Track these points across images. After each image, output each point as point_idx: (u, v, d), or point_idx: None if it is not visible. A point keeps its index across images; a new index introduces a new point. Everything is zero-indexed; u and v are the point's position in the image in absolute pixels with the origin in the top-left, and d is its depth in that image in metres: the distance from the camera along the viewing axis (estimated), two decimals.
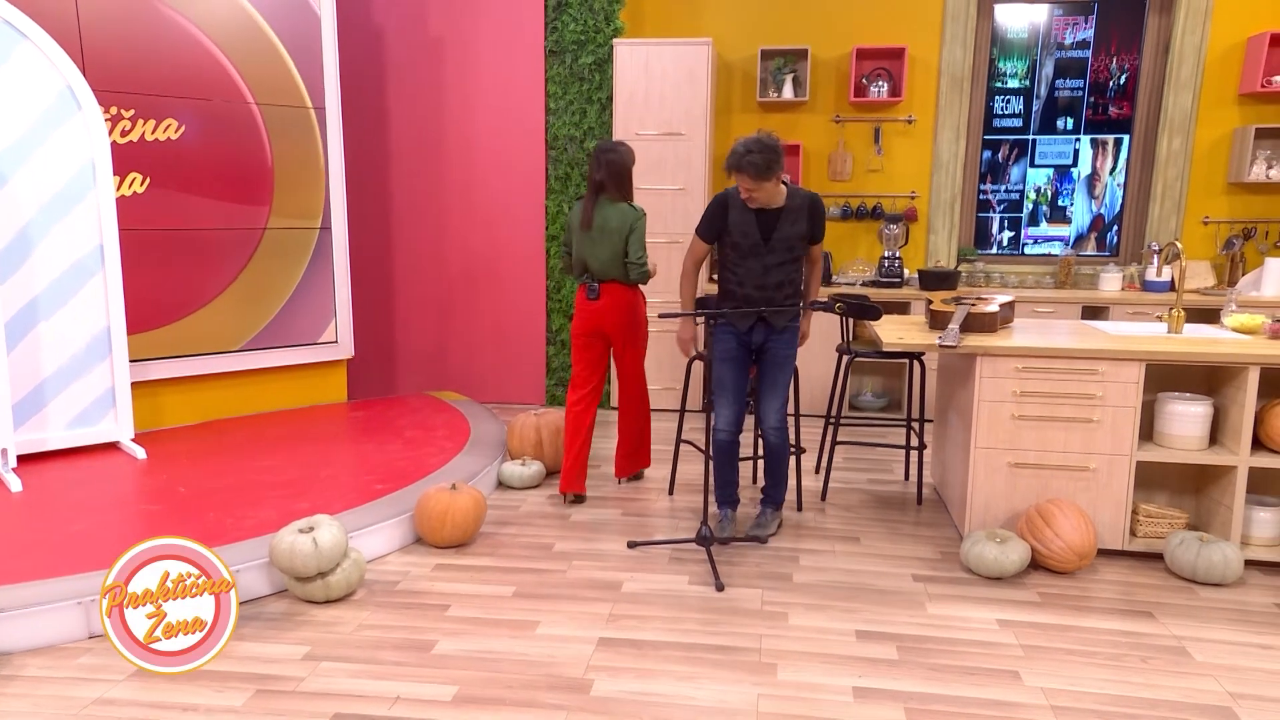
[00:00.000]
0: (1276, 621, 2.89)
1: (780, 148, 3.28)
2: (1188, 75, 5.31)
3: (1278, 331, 3.51)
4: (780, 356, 3.57)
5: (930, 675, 2.55)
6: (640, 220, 3.87)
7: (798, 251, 3.48)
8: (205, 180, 4.71)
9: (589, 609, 2.95)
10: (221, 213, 4.79)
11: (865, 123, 5.71)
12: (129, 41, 4.38)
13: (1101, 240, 5.77)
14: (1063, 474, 3.38)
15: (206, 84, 4.65)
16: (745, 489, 4.22)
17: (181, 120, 4.59)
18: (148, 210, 4.54)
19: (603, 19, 5.39)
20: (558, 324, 5.78)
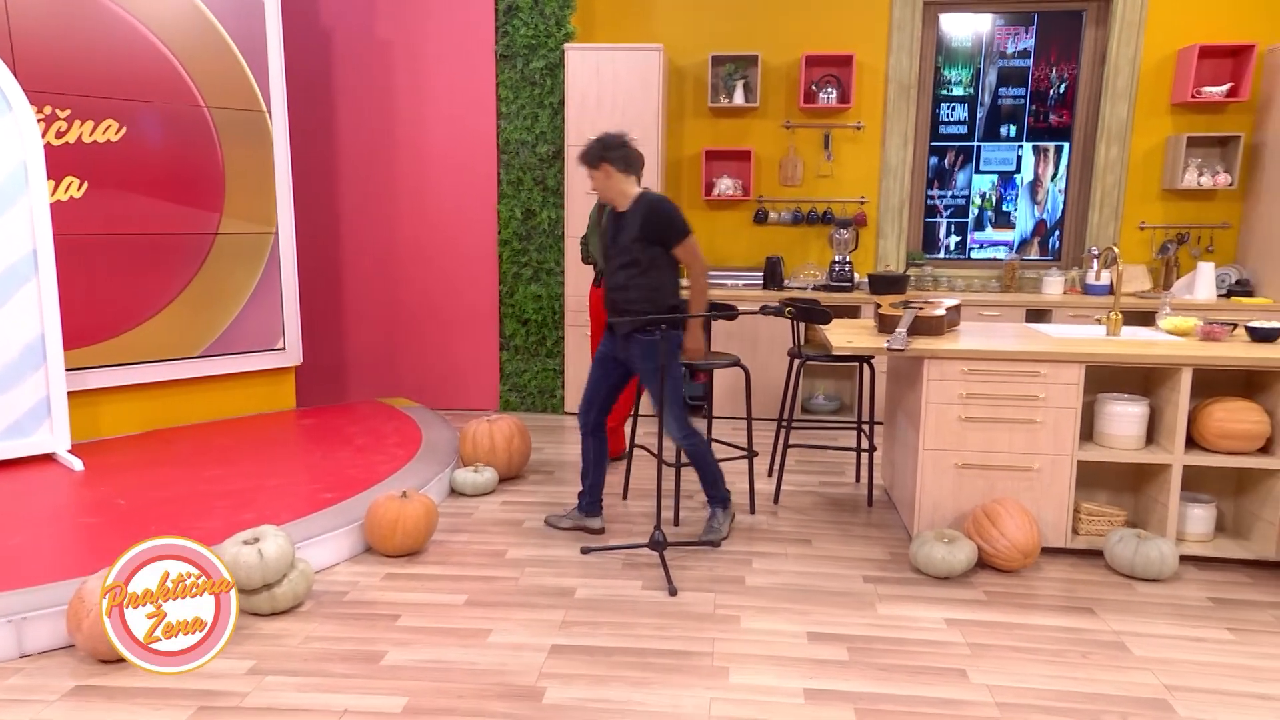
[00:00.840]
0: (1210, 615, 2.98)
1: (616, 143, 3.34)
2: (1123, 85, 5.47)
3: (1209, 333, 3.63)
4: (639, 369, 3.49)
5: (880, 675, 2.58)
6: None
7: (636, 255, 3.36)
8: (150, 184, 4.59)
9: (541, 616, 2.93)
10: (169, 218, 4.67)
11: (815, 128, 5.78)
12: (65, 38, 4.26)
13: (1044, 245, 5.91)
14: (1008, 474, 3.45)
15: (152, 84, 4.54)
16: (698, 492, 4.24)
17: (123, 122, 4.47)
18: (86, 215, 4.41)
19: (554, 24, 5.39)
20: (511, 329, 5.75)
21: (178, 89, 4.63)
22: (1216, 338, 3.62)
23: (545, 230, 5.62)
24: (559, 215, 5.58)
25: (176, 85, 4.62)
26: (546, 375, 5.78)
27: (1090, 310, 5.27)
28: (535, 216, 5.61)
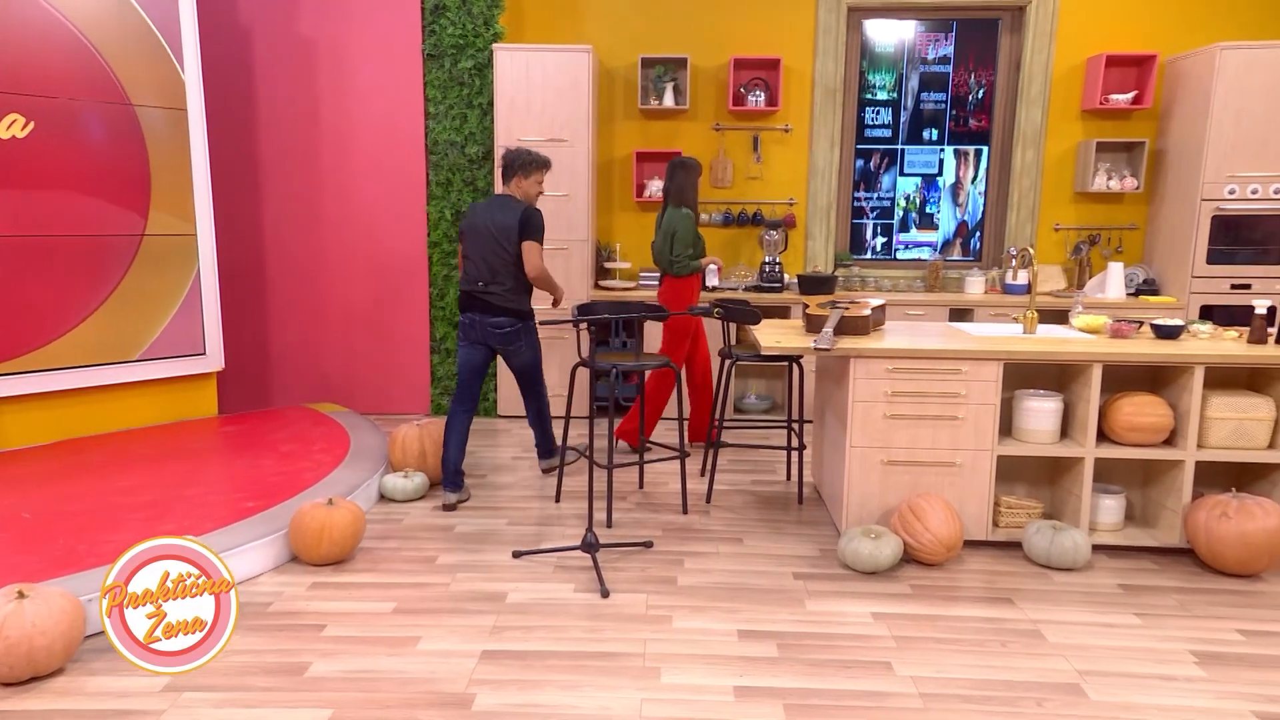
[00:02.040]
0: (1120, 601, 3.10)
1: (509, 156, 4.09)
2: (1037, 92, 5.67)
3: (1117, 331, 3.78)
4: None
5: (808, 670, 2.62)
6: (681, 223, 4.52)
7: (507, 253, 4.01)
8: (64, 183, 4.40)
9: (472, 622, 2.90)
10: (87, 219, 4.49)
11: (744, 131, 5.84)
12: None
13: (966, 246, 6.09)
14: (931, 470, 3.54)
15: (68, 77, 4.34)
16: (631, 493, 4.25)
17: (30, 117, 4.27)
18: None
19: (482, 23, 5.34)
20: (442, 332, 5.67)
21: (97, 83, 4.45)
22: (1124, 335, 3.77)
23: None
24: None
25: (95, 79, 4.44)
26: None
27: (1010, 309, 5.44)
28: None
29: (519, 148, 4.20)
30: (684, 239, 4.55)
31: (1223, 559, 3.26)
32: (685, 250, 4.56)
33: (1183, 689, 2.53)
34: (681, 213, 4.58)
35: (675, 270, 4.62)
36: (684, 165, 4.62)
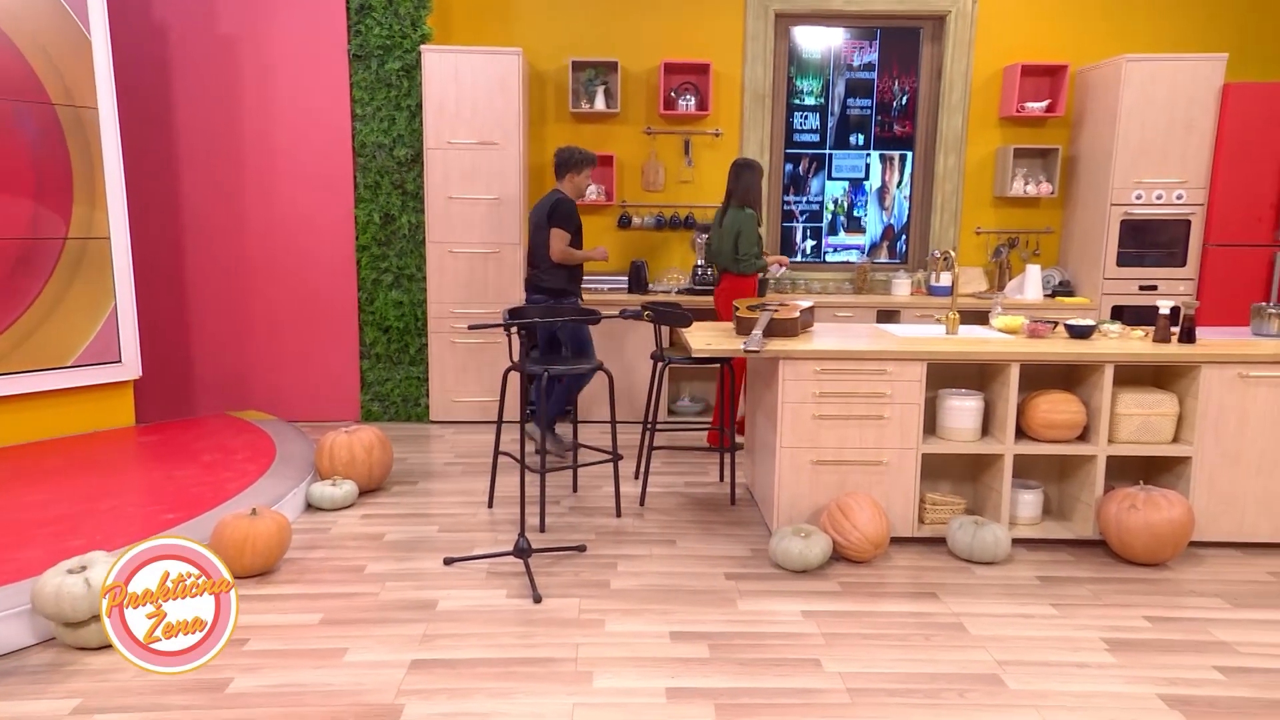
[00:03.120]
0: (1037, 593, 3.21)
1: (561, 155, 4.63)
2: (958, 99, 5.84)
3: (1034, 331, 3.91)
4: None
5: (739, 670, 2.65)
6: (744, 222, 4.69)
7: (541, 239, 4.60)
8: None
9: (401, 631, 2.86)
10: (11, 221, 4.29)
11: (675, 135, 5.88)
12: None
13: (893, 248, 6.23)
14: (859, 469, 3.62)
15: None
16: (564, 497, 4.24)
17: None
18: None
19: (409, 24, 5.26)
20: (372, 336, 5.58)
21: (15, 80, 4.25)
22: (1040, 335, 3.90)
23: (406, 235, 5.48)
24: (419, 220, 5.46)
25: (14, 76, 4.24)
26: (410, 383, 5.64)
27: (935, 310, 5.59)
28: (395, 221, 5.47)
29: (569, 146, 4.72)
30: (749, 238, 4.71)
31: (1132, 549, 3.40)
32: (751, 249, 4.71)
33: (1094, 675, 2.63)
34: (745, 213, 4.73)
35: (741, 269, 4.75)
36: (749, 166, 4.75)
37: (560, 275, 4.69)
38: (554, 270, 4.68)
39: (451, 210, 5.40)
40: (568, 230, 4.59)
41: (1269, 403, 3.52)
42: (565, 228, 4.59)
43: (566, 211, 4.59)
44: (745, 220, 4.72)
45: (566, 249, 4.60)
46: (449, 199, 5.39)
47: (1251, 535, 3.62)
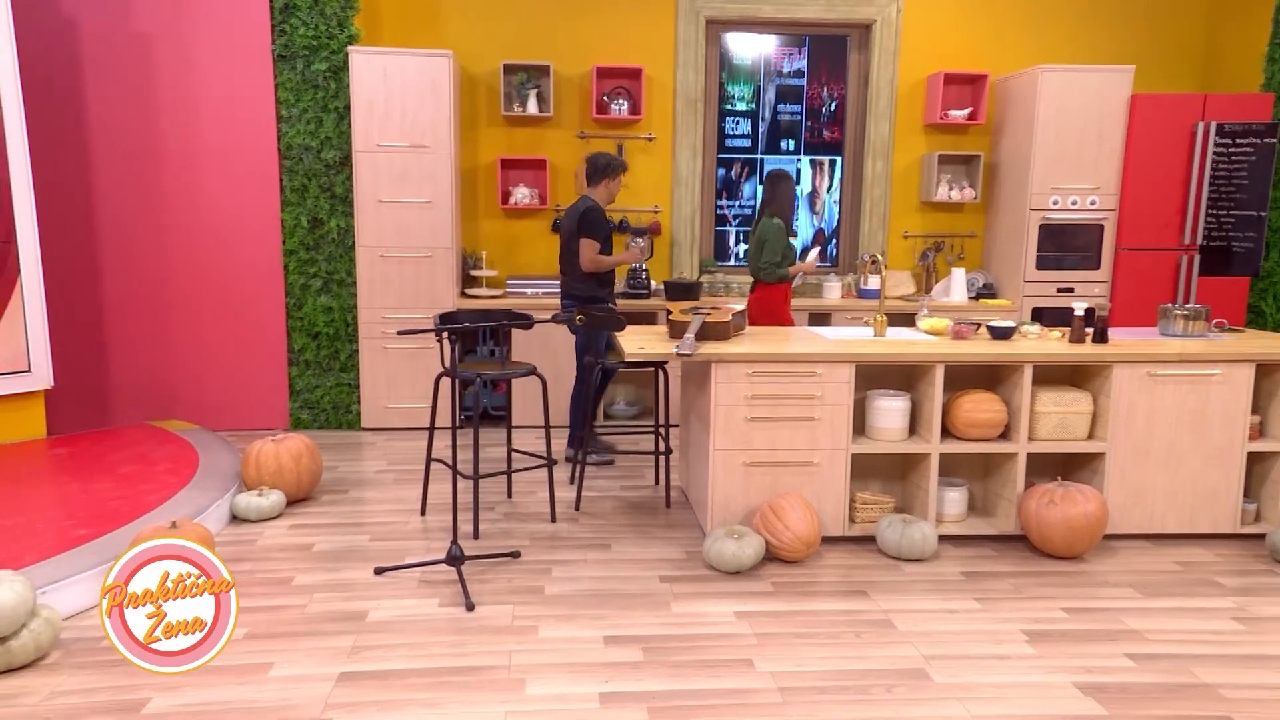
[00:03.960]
0: (962, 588, 3.30)
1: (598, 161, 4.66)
2: (884, 106, 5.98)
3: (958, 333, 4.02)
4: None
5: (673, 673, 2.66)
6: (769, 232, 4.76)
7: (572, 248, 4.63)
8: None
9: (330, 644, 2.80)
10: None
11: (609, 139, 5.89)
12: None
13: (824, 252, 6.34)
14: (791, 470, 3.67)
15: None
16: (499, 504, 4.20)
17: None
18: None
19: (335, 25, 5.17)
20: (300, 343, 5.45)
21: None
22: (964, 336, 4.01)
23: (335, 240, 5.38)
24: (349, 224, 5.36)
25: None
26: (341, 390, 5.53)
27: (865, 313, 5.70)
28: (323, 225, 5.36)
29: (598, 153, 4.73)
30: (773, 248, 4.76)
31: (1050, 543, 3.51)
32: (774, 258, 4.77)
33: (1015, 667, 2.71)
34: (774, 223, 4.79)
35: (763, 277, 4.83)
36: (785, 177, 4.85)
37: (590, 282, 4.71)
38: (584, 278, 4.69)
39: (382, 214, 5.32)
40: (596, 239, 4.62)
41: (1175, 400, 3.69)
42: (594, 237, 4.61)
43: (594, 220, 4.60)
44: (772, 230, 4.79)
45: (597, 257, 4.62)
46: (379, 202, 5.30)
47: (1160, 527, 3.77)
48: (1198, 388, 3.68)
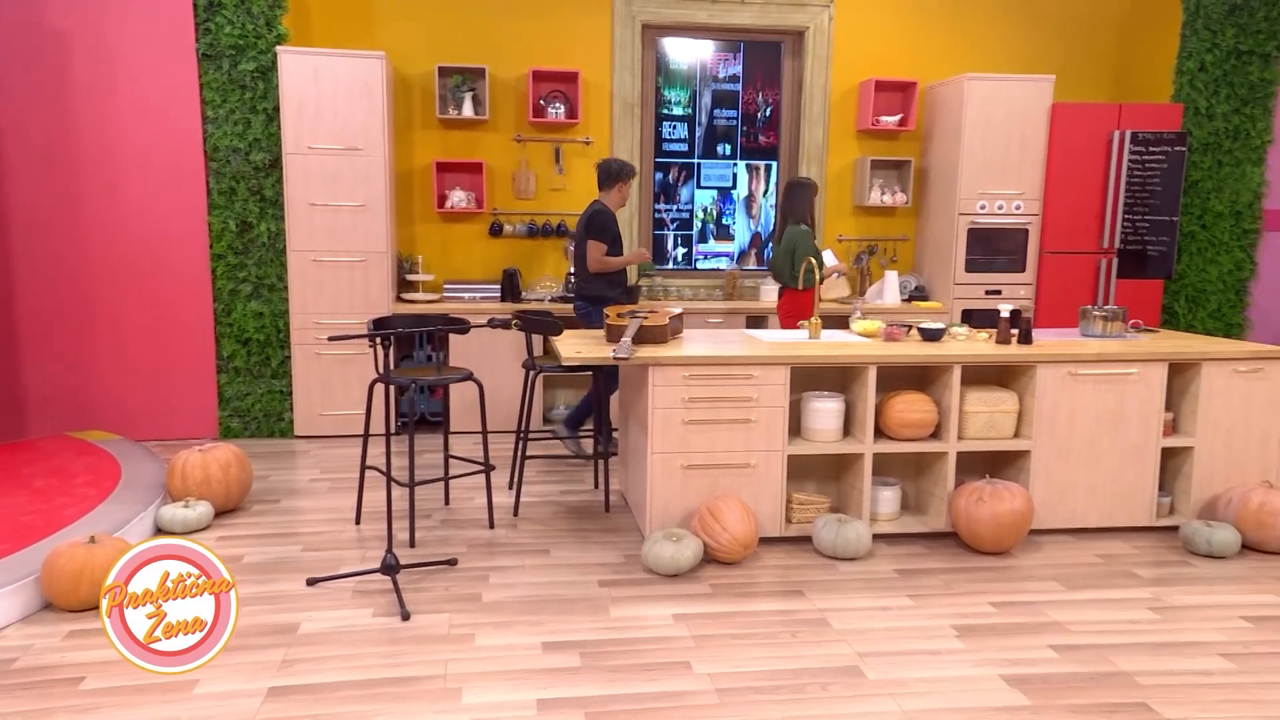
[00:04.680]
0: (895, 585, 3.37)
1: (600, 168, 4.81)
2: (818, 112, 6.08)
3: (890, 335, 4.10)
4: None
5: (611, 677, 2.66)
6: (799, 239, 4.85)
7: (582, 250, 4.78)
8: None
9: (258, 658, 2.73)
10: None
11: (546, 142, 5.87)
12: None
13: (760, 255, 6.41)
14: (728, 472, 3.70)
15: None
16: (436, 511, 4.15)
17: None
18: None
19: (263, 24, 5.05)
20: (230, 349, 5.31)
21: None
22: (896, 338, 4.10)
23: (265, 243, 5.25)
24: (279, 227, 5.24)
25: None
26: (272, 398, 5.40)
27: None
28: (253, 229, 5.23)
29: (608, 159, 4.85)
30: (804, 255, 4.82)
31: (979, 539, 3.61)
32: (804, 264, 4.79)
33: (945, 661, 2.78)
34: (800, 229, 4.87)
35: (797, 284, 4.86)
36: (801, 185, 4.94)
37: (601, 283, 4.82)
38: (595, 279, 4.80)
39: (314, 218, 5.22)
40: (604, 241, 4.73)
41: (1094, 398, 3.82)
42: (601, 238, 4.73)
43: (602, 223, 4.72)
44: (800, 237, 4.86)
45: (603, 259, 4.74)
46: (311, 206, 5.20)
47: (1082, 521, 3.91)
48: (1115, 386, 3.82)
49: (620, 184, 4.81)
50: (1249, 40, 5.86)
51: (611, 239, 4.78)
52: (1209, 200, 6.02)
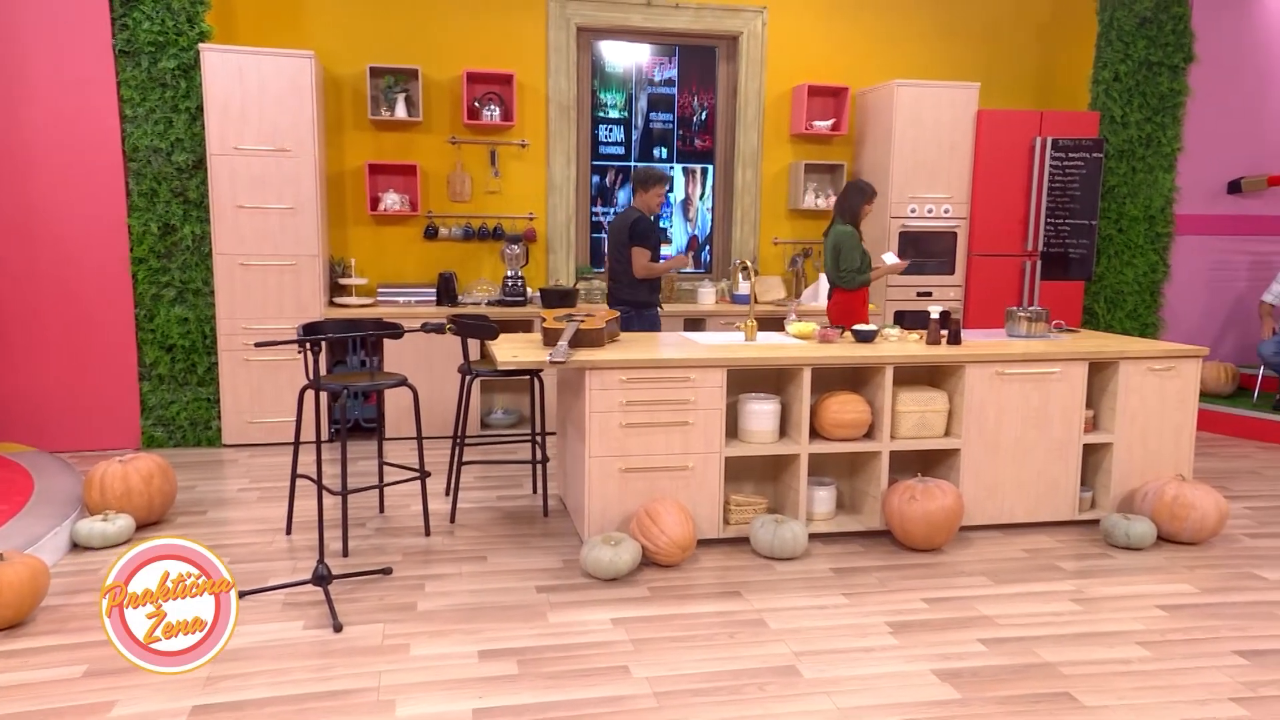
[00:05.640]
0: (831, 584, 3.41)
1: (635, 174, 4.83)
2: (753, 116, 6.14)
3: (824, 337, 4.16)
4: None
5: (549, 684, 2.64)
6: (843, 239, 4.82)
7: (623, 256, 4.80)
8: None
9: (184, 676, 2.63)
10: None
11: (481, 145, 5.82)
12: None
13: (698, 258, 6.45)
14: (666, 474, 3.70)
15: None
16: (370, 519, 4.07)
17: None
18: None
19: (184, 20, 4.89)
20: (153, 356, 5.12)
21: None
22: (830, 340, 4.16)
23: (189, 247, 5.09)
24: (205, 230, 5.08)
25: None
26: (199, 405, 5.23)
27: (738, 317, 5.82)
28: (176, 232, 5.06)
29: (641, 167, 4.89)
30: (849, 254, 4.81)
31: (912, 537, 3.68)
32: (851, 265, 4.82)
33: (879, 658, 2.82)
34: (846, 229, 4.83)
35: (843, 284, 4.85)
36: (853, 186, 4.88)
37: (642, 289, 4.83)
38: (636, 284, 4.81)
39: (241, 220, 5.07)
40: (648, 247, 4.76)
41: (1020, 397, 3.93)
42: (645, 245, 4.76)
43: (645, 229, 4.75)
44: (844, 237, 4.83)
45: (649, 265, 4.76)
46: (238, 208, 5.05)
47: (1010, 517, 4.02)
48: (1040, 385, 3.94)
49: (657, 187, 4.83)
50: (1159, 52, 6.11)
51: (654, 244, 4.84)
52: (1125, 205, 6.25)
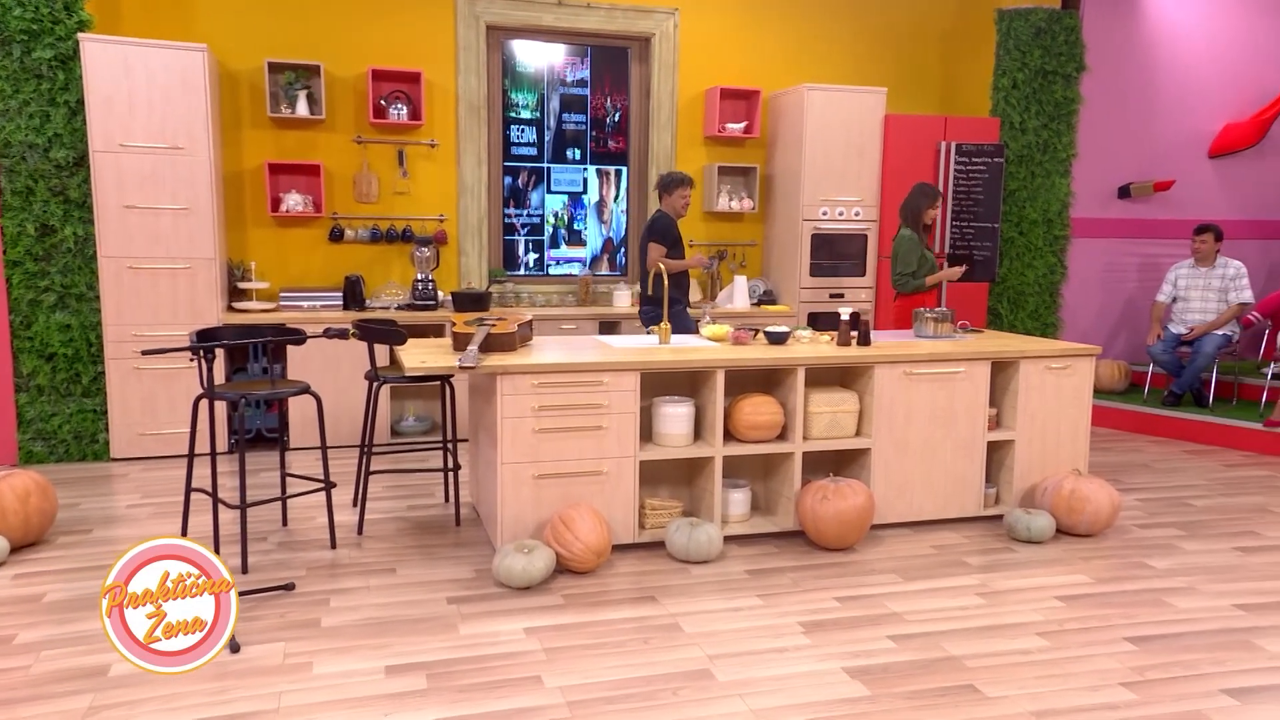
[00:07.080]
0: (746, 586, 3.41)
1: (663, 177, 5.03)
2: (666, 118, 6.14)
3: (738, 339, 4.17)
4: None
5: (458, 698, 2.56)
6: (900, 243, 4.91)
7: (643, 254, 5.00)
8: None
9: (60, 707, 2.46)
10: None
11: (388, 144, 5.66)
12: None
13: (613, 261, 6.41)
14: (580, 480, 3.65)
15: None
16: (272, 533, 3.90)
17: None
18: None
19: (60, 7, 4.60)
20: (31, 366, 4.81)
21: None
22: (743, 342, 4.17)
23: (71, 249, 4.79)
24: (88, 232, 4.80)
25: None
26: (84, 418, 4.93)
27: None
28: (56, 233, 4.76)
29: (665, 171, 5.17)
30: (904, 260, 4.89)
31: (825, 536, 3.72)
32: (907, 269, 4.88)
33: (792, 658, 2.83)
34: (904, 234, 4.91)
35: (898, 288, 4.96)
36: (916, 190, 4.94)
37: (670, 287, 4.91)
38: (659, 282, 4.90)
39: (130, 221, 4.81)
40: (664, 244, 4.93)
41: (928, 396, 4.02)
42: (661, 241, 4.94)
43: (662, 227, 4.96)
44: (901, 242, 4.91)
45: (663, 260, 4.77)
46: (126, 208, 4.79)
47: (919, 514, 4.10)
48: (946, 385, 4.03)
49: (681, 189, 4.97)
50: (1053, 61, 6.36)
51: (672, 242, 4.97)
52: (1025, 209, 6.49)
